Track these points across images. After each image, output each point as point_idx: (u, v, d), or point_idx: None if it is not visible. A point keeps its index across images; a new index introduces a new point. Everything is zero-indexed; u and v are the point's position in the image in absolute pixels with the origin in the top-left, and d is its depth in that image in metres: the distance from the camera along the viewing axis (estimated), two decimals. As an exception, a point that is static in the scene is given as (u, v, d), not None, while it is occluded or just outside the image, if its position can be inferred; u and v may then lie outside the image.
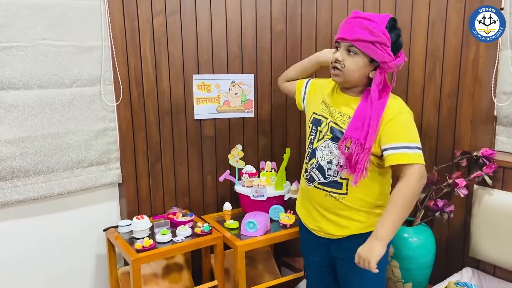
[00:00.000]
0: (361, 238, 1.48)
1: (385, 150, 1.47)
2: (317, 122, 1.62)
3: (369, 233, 1.46)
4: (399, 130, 1.47)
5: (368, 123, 1.46)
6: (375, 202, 1.56)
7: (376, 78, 1.48)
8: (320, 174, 1.58)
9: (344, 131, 1.52)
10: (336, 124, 1.56)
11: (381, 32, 1.42)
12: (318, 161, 1.59)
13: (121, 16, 2.00)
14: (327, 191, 1.57)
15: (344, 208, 1.56)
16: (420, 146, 1.47)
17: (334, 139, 1.55)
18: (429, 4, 1.98)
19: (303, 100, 1.80)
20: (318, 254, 1.70)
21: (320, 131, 1.60)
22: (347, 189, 1.54)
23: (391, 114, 1.48)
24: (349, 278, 1.63)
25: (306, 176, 1.65)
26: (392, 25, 1.45)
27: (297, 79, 1.87)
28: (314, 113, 1.66)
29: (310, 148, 1.64)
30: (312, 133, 1.63)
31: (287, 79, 1.93)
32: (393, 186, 1.49)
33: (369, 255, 1.38)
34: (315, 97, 1.71)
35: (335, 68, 1.51)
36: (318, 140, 1.60)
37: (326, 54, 1.76)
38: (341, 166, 1.53)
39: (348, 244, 1.57)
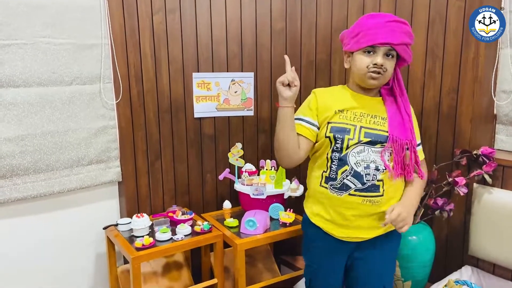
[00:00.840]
0: (384, 236, 1.59)
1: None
2: (342, 131, 1.53)
3: (391, 232, 1.60)
4: (417, 127, 1.62)
5: (408, 120, 1.55)
6: (399, 198, 1.60)
7: (399, 74, 1.58)
8: (357, 181, 1.51)
9: (383, 133, 1.54)
10: (370, 128, 1.54)
11: (412, 35, 1.51)
12: (352, 167, 1.51)
13: (120, 14, 2.00)
14: (364, 196, 1.52)
15: (378, 210, 1.54)
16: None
17: (371, 143, 1.53)
18: (429, 3, 1.98)
19: (317, 129, 1.61)
20: (337, 260, 1.65)
21: (350, 139, 1.52)
22: (383, 190, 1.53)
23: (413, 114, 1.60)
24: (366, 277, 1.64)
25: (335, 185, 1.54)
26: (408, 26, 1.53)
27: (294, 137, 1.57)
28: (329, 123, 1.55)
29: (336, 157, 1.53)
30: (337, 142, 1.53)
31: (296, 149, 1.57)
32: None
33: (409, 219, 1.49)
34: (322, 111, 1.59)
35: (375, 72, 1.49)
36: (348, 147, 1.52)
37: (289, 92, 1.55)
38: (380, 168, 1.53)
39: (370, 244, 1.60)
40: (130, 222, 1.97)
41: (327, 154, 1.56)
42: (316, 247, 1.67)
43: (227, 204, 2.24)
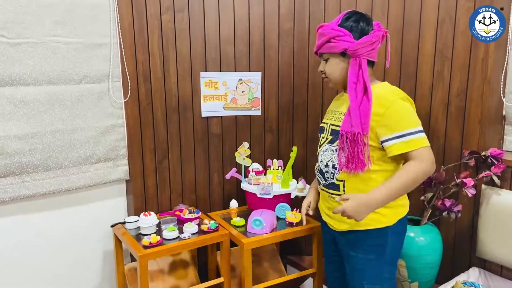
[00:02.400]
0: (356, 233, 1.59)
1: (385, 141, 1.48)
2: (321, 130, 1.72)
3: (365, 231, 1.56)
4: (395, 119, 1.47)
5: (358, 114, 1.49)
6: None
7: (351, 66, 1.54)
8: (322, 178, 1.67)
9: (339, 128, 1.57)
10: (333, 125, 1.64)
11: (330, 29, 1.55)
12: (319, 165, 1.67)
13: (129, 13, 2.01)
14: (329, 193, 1.65)
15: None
16: (422, 128, 1.49)
17: (332, 140, 1.61)
18: (438, 3, 1.97)
19: None
20: (331, 244, 1.77)
21: (323, 137, 1.68)
22: (344, 190, 1.59)
23: (387, 103, 1.48)
24: (350, 272, 1.65)
25: (317, 179, 1.74)
26: (346, 18, 1.55)
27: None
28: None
29: (318, 154, 1.71)
30: (320, 141, 1.71)
31: None
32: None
33: (355, 214, 1.42)
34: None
35: (323, 78, 1.66)
36: (320, 146, 1.69)
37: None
38: (336, 167, 1.58)
39: (345, 237, 1.63)
40: (137, 220, 1.98)
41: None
42: (322, 231, 1.85)
43: (233, 203, 2.24)
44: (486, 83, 1.90)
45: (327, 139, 1.64)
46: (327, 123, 1.68)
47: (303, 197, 2.22)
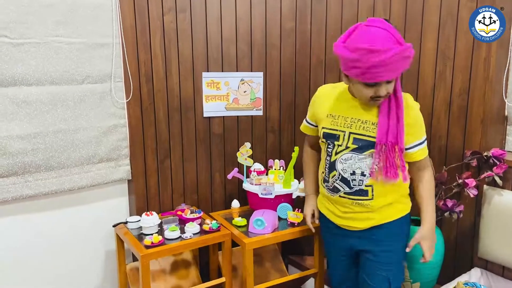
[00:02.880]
0: (382, 227, 1.63)
1: (411, 148, 1.59)
2: (331, 137, 1.63)
3: (390, 222, 1.63)
4: (418, 126, 1.60)
5: (396, 125, 1.52)
6: (397, 198, 1.65)
7: (398, 80, 1.52)
8: (345, 185, 1.62)
9: (371, 139, 1.55)
10: (359, 134, 1.57)
11: (410, 47, 1.42)
12: (340, 173, 1.61)
13: (131, 13, 2.01)
14: (354, 199, 1.62)
15: (370, 210, 1.62)
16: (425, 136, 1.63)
17: (359, 149, 1.57)
18: (440, 3, 1.97)
19: (317, 126, 1.77)
20: (342, 245, 1.75)
21: (339, 145, 1.60)
22: (372, 195, 1.60)
23: (413, 114, 1.56)
24: (372, 268, 1.67)
25: (328, 186, 1.68)
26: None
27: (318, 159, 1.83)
28: (323, 128, 1.66)
29: (327, 161, 1.65)
30: (329, 148, 1.64)
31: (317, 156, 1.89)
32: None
33: (434, 245, 1.63)
34: (316, 115, 1.73)
35: (378, 100, 1.50)
36: (336, 153, 1.62)
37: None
38: (366, 174, 1.58)
39: (369, 234, 1.65)
40: (139, 220, 1.99)
41: (324, 156, 1.68)
42: (325, 233, 1.84)
43: (235, 203, 2.25)
44: (488, 83, 1.90)
45: (348, 147, 1.59)
46: (343, 131, 1.59)
47: (305, 198, 2.23)
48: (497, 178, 1.86)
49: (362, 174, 1.58)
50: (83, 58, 1.91)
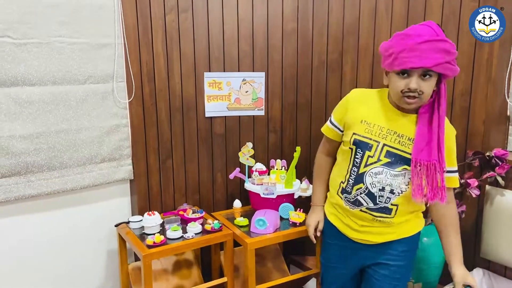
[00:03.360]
0: (400, 242, 1.58)
1: (447, 172, 1.50)
2: (363, 146, 1.51)
3: (406, 238, 1.58)
4: (453, 153, 1.52)
5: (436, 141, 1.42)
6: (413, 213, 1.60)
7: (443, 91, 1.43)
8: (370, 200, 1.52)
9: (406, 155, 1.46)
10: (393, 147, 1.48)
11: (454, 49, 1.38)
12: (367, 187, 1.51)
13: (134, 13, 2.02)
14: (375, 215, 1.54)
15: (388, 225, 1.57)
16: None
17: (391, 164, 1.48)
18: (442, 3, 1.97)
19: (343, 131, 1.65)
20: (349, 261, 1.68)
21: (370, 156, 1.50)
22: (395, 214, 1.53)
23: (449, 135, 1.48)
24: (381, 281, 1.62)
25: (348, 199, 1.58)
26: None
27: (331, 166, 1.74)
28: (354, 133, 1.53)
29: (354, 172, 1.54)
30: (357, 157, 1.52)
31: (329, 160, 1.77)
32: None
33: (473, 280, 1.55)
34: (350, 117, 1.58)
35: (410, 97, 1.40)
36: (366, 165, 1.50)
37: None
38: (395, 192, 1.50)
39: (385, 247, 1.60)
40: (141, 220, 1.99)
41: (349, 166, 1.56)
42: (332, 245, 1.73)
43: (237, 203, 2.25)
44: (490, 83, 1.90)
45: (379, 160, 1.48)
46: (377, 142, 1.49)
47: (307, 197, 2.23)
48: (499, 178, 1.86)
49: (391, 192, 1.49)
50: (86, 58, 1.92)
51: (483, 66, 1.90)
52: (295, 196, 2.20)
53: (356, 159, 1.52)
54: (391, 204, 1.51)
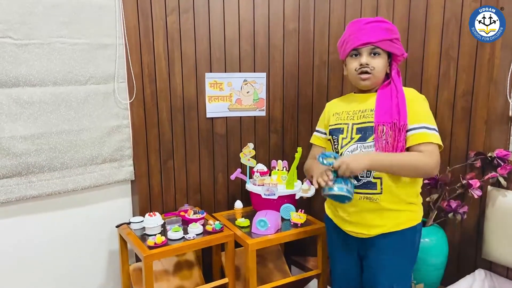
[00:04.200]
0: (392, 236, 1.56)
1: (408, 130, 1.52)
2: (336, 131, 1.64)
3: (399, 232, 1.56)
4: (419, 111, 1.54)
5: (396, 103, 1.52)
6: (408, 199, 1.57)
7: (394, 69, 1.61)
8: (352, 177, 1.54)
9: (371, 124, 1.54)
10: (359, 123, 1.58)
11: (396, 30, 1.58)
12: None
13: (135, 14, 2.02)
14: (361, 193, 1.56)
15: (378, 209, 1.56)
16: (437, 129, 1.53)
17: (362, 138, 1.56)
18: (444, 3, 1.97)
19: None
20: (349, 253, 1.70)
21: (344, 138, 1.61)
22: (381, 188, 1.54)
23: (410, 97, 1.55)
24: (377, 276, 1.62)
25: None
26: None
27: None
28: (329, 126, 1.69)
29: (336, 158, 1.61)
30: (334, 143, 1.65)
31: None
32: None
33: (353, 164, 1.42)
34: (327, 118, 1.75)
35: (364, 72, 1.56)
36: (342, 147, 1.60)
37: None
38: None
39: (378, 242, 1.59)
40: (142, 221, 1.99)
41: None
42: (331, 239, 1.79)
43: (238, 204, 2.25)
44: (492, 83, 1.89)
45: (352, 138, 1.59)
46: (346, 123, 1.62)
47: (308, 198, 2.23)
48: (501, 179, 1.86)
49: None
50: (87, 59, 1.92)
51: (485, 66, 1.90)
52: (296, 197, 2.20)
53: (334, 146, 1.65)
54: (374, 178, 1.54)
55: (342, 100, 1.74)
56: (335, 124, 1.66)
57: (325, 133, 1.75)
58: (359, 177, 1.56)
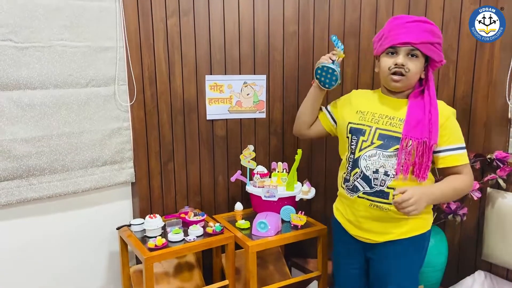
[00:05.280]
0: (400, 243, 1.54)
1: (442, 151, 1.50)
2: (357, 132, 1.59)
3: (408, 239, 1.54)
4: (455, 131, 1.52)
5: (429, 119, 1.47)
6: None
7: (430, 76, 1.54)
8: (365, 184, 1.55)
9: (397, 134, 1.50)
10: (385, 129, 1.53)
11: (439, 32, 1.50)
12: (362, 170, 1.55)
13: (135, 17, 2.02)
14: (372, 201, 1.55)
15: (388, 218, 1.54)
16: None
17: (384, 146, 1.52)
18: (443, 5, 1.97)
19: (335, 125, 1.76)
20: (354, 257, 1.69)
21: (364, 140, 1.56)
22: (393, 199, 1.49)
23: (446, 114, 1.51)
24: (385, 280, 1.60)
25: (348, 186, 1.61)
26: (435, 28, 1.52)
27: (314, 117, 1.80)
28: (349, 123, 1.62)
29: (351, 158, 1.60)
30: (352, 144, 1.60)
31: (307, 124, 1.81)
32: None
33: (419, 206, 1.36)
34: (345, 111, 1.68)
35: (396, 73, 1.50)
36: (361, 150, 1.56)
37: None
38: (389, 174, 1.50)
39: (386, 249, 1.58)
40: (143, 223, 1.99)
41: (347, 155, 1.62)
42: (337, 241, 1.77)
43: (238, 206, 2.25)
44: (491, 85, 1.90)
45: (373, 143, 1.54)
46: (370, 126, 1.56)
47: (308, 200, 2.23)
48: (500, 181, 1.86)
49: (386, 174, 1.51)
50: (87, 61, 1.92)
51: (484, 68, 1.90)
52: (297, 199, 2.20)
53: (352, 147, 1.60)
54: (387, 187, 1.51)
55: (369, 98, 1.66)
56: (357, 124, 1.60)
57: (332, 118, 1.75)
58: (372, 185, 1.53)
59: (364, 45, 2.24)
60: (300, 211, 2.15)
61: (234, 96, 2.33)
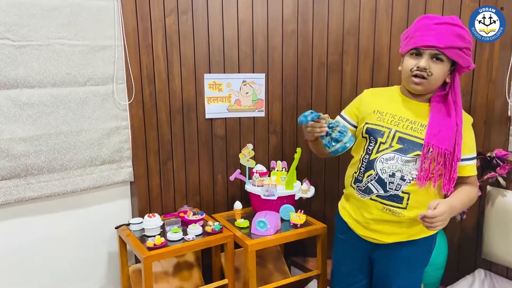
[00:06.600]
0: (409, 244, 1.53)
1: (461, 160, 1.47)
2: (375, 133, 1.52)
3: (417, 240, 1.52)
4: (472, 141, 1.51)
5: (455, 131, 1.43)
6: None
7: (457, 81, 1.45)
8: (380, 187, 1.51)
9: (419, 140, 1.45)
10: (405, 133, 1.48)
11: (470, 38, 1.41)
12: (377, 173, 1.50)
13: (133, 16, 2.02)
14: (385, 204, 1.51)
15: (399, 221, 1.52)
16: None
17: (403, 150, 1.47)
18: (442, 3, 1.97)
19: (354, 128, 1.65)
20: (357, 256, 1.67)
21: (382, 143, 1.50)
22: (407, 204, 1.48)
23: (467, 123, 1.49)
24: (389, 280, 1.59)
25: (360, 187, 1.57)
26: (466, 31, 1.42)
27: (321, 148, 1.60)
28: (366, 123, 1.56)
29: (365, 159, 1.54)
30: (370, 145, 1.54)
31: (326, 153, 1.61)
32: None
33: (444, 222, 1.34)
34: (362, 110, 1.61)
35: (418, 76, 1.43)
36: (378, 151, 1.51)
37: None
38: (406, 179, 1.47)
39: (393, 250, 1.56)
40: (141, 222, 1.99)
41: (361, 155, 1.57)
42: (341, 240, 1.72)
43: (238, 205, 2.24)
44: (491, 84, 1.89)
45: (391, 146, 1.48)
46: (389, 128, 1.50)
47: (307, 199, 2.23)
48: (500, 179, 1.86)
49: (402, 179, 1.47)
50: (86, 60, 1.92)
51: (484, 66, 1.90)
52: (296, 198, 2.20)
53: (369, 147, 1.54)
54: (402, 192, 1.47)
55: (387, 97, 1.59)
56: (376, 125, 1.53)
57: (351, 123, 1.63)
58: (388, 189, 1.49)
59: (363, 44, 2.24)
60: (299, 210, 2.14)
61: (233, 95, 2.32)
